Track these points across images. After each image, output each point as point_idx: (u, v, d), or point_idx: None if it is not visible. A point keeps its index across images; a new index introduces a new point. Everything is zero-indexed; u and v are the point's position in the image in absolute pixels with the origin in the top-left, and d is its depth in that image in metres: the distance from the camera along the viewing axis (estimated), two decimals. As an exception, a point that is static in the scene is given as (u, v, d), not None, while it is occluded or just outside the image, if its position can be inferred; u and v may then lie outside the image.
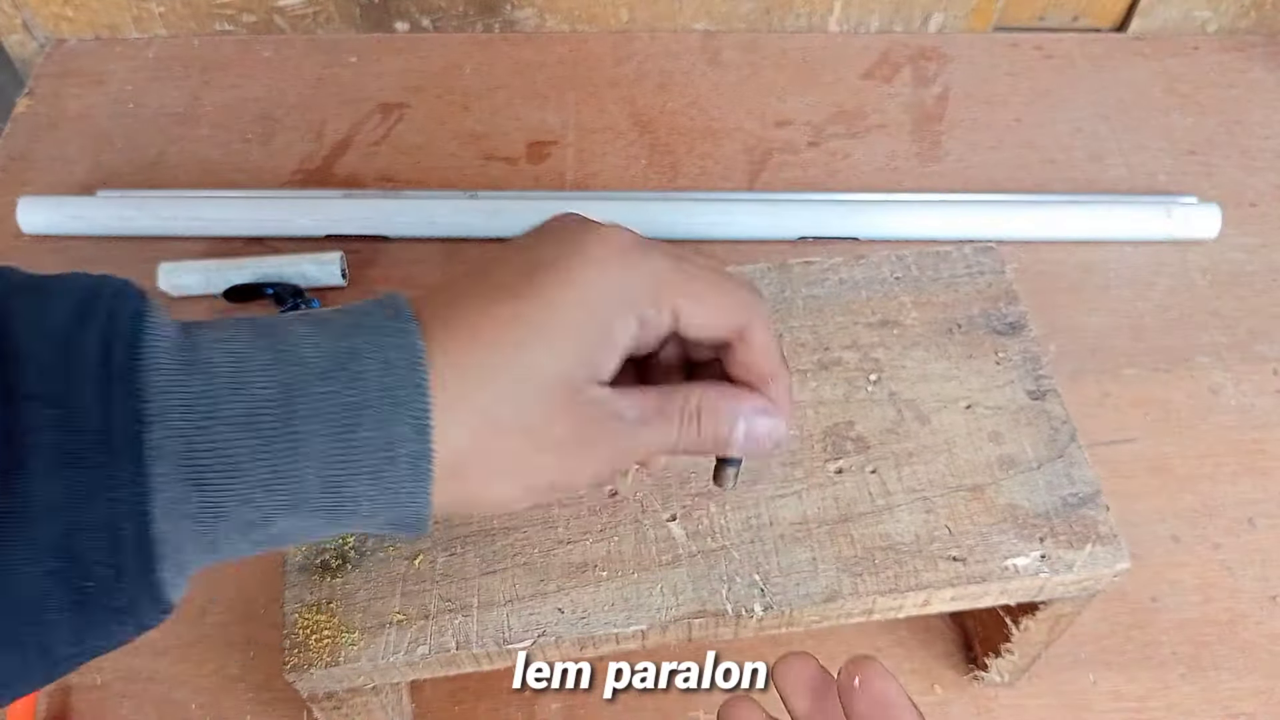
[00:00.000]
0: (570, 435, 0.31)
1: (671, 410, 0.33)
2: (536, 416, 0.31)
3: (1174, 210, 0.72)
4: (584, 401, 0.31)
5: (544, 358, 0.31)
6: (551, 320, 0.31)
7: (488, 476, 0.31)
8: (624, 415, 0.32)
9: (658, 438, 0.33)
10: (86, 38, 0.83)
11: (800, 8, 0.83)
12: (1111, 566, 0.44)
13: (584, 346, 0.31)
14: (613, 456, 0.32)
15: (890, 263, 0.53)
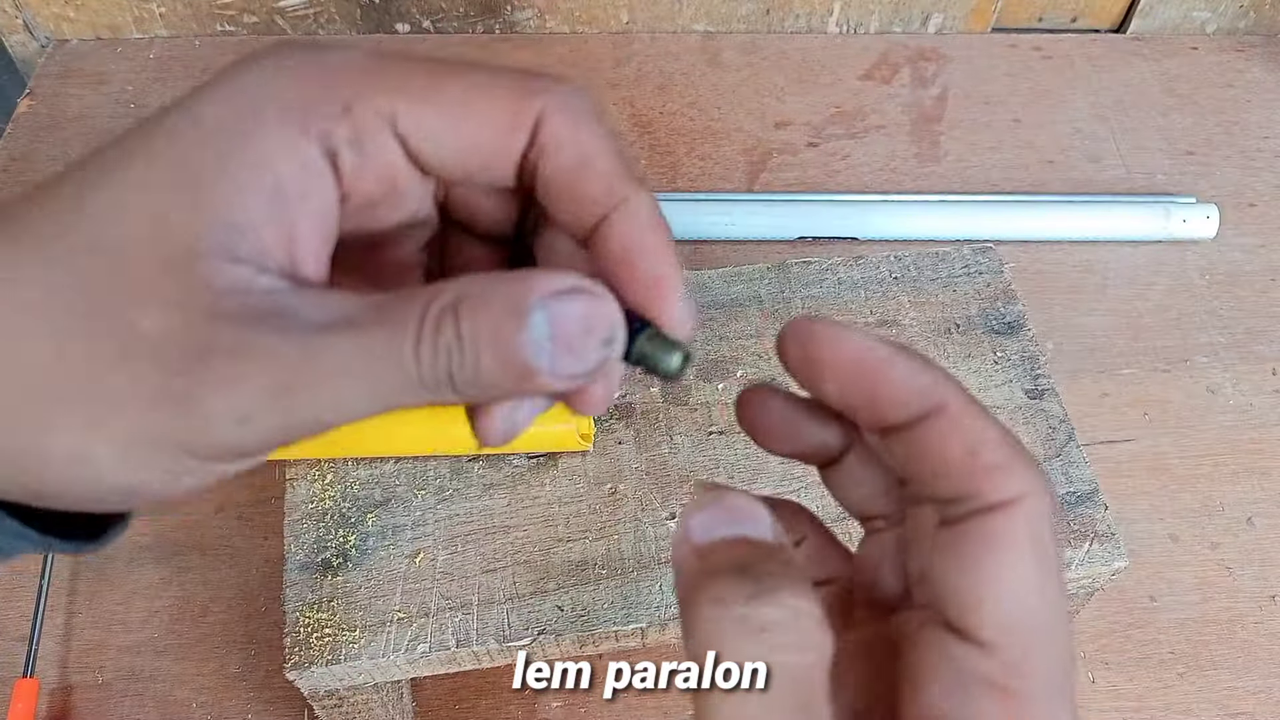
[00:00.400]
0: (180, 336, 0.19)
1: (404, 310, 0.20)
2: (106, 300, 0.19)
3: (1172, 210, 0.72)
4: (207, 280, 0.19)
5: (114, 206, 0.20)
6: (135, 155, 0.20)
7: (45, 410, 0.19)
8: (298, 312, 0.20)
9: (372, 353, 0.20)
10: (87, 38, 0.83)
11: (799, 9, 0.83)
12: (1109, 565, 0.44)
13: (196, 186, 0.20)
14: (281, 388, 0.19)
15: (888, 263, 0.53)
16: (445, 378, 0.20)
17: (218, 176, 0.20)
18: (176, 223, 0.19)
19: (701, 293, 0.52)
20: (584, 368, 0.20)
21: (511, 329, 0.20)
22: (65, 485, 0.20)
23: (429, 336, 0.20)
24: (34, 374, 0.19)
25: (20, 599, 0.56)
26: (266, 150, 0.20)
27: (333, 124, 0.21)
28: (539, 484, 0.46)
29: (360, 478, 0.46)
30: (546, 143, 0.22)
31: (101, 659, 0.55)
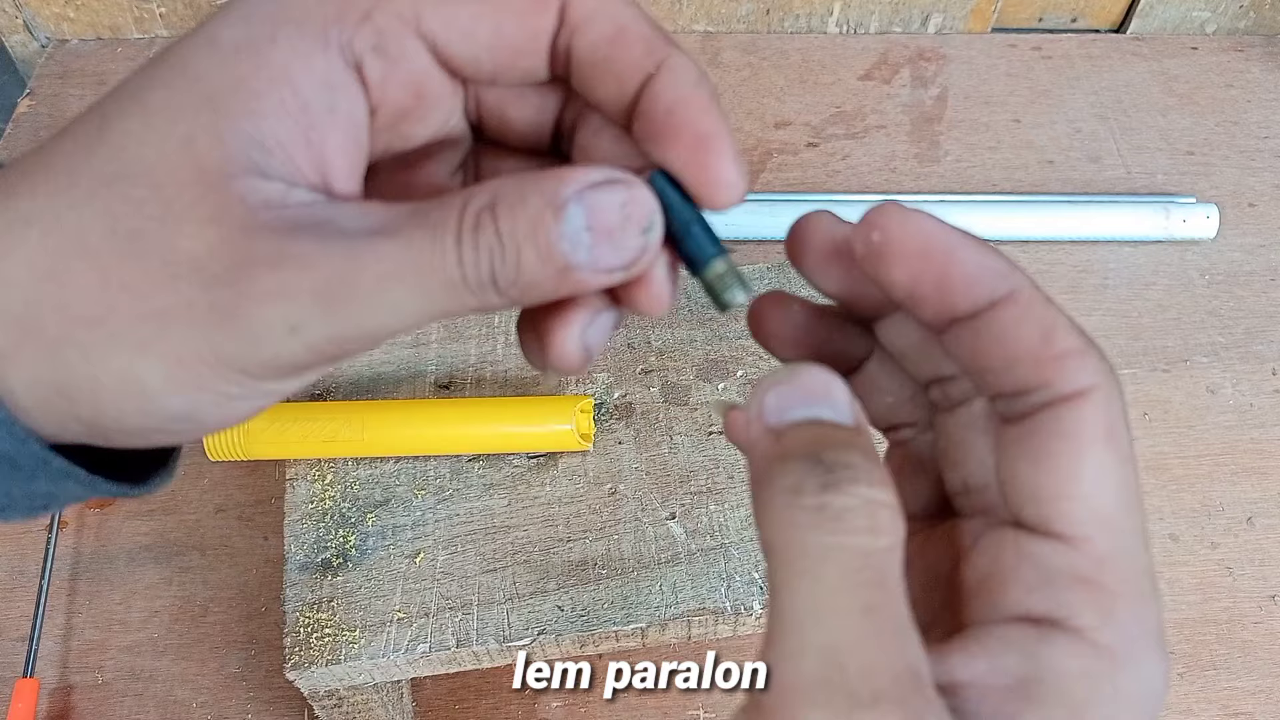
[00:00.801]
0: (220, 250, 0.19)
1: (443, 213, 0.20)
2: (142, 223, 0.19)
3: (1172, 210, 0.72)
4: (240, 196, 0.19)
5: (140, 131, 0.20)
6: (154, 85, 0.20)
7: (93, 338, 0.19)
8: (337, 222, 0.20)
9: (417, 256, 0.19)
10: (88, 38, 0.83)
11: (799, 9, 0.83)
12: (1109, 565, 0.44)
13: (219, 106, 0.19)
14: (330, 295, 0.19)
15: (889, 262, 0.53)
16: (489, 277, 0.20)
17: (238, 97, 0.20)
18: (203, 144, 0.19)
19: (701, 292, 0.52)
20: (623, 258, 0.20)
21: (549, 222, 0.19)
22: (120, 413, 0.20)
23: (469, 236, 0.19)
24: (79, 303, 0.19)
25: (20, 599, 0.56)
26: (286, 67, 0.20)
27: (354, 32, 0.20)
28: (539, 484, 0.46)
29: (360, 478, 0.46)
30: (577, 18, 0.21)
31: (101, 659, 0.55)
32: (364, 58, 0.20)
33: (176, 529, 0.59)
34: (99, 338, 0.19)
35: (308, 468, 0.46)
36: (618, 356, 0.50)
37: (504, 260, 0.20)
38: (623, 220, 0.20)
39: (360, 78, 0.21)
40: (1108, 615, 0.19)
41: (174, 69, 0.20)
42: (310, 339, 0.19)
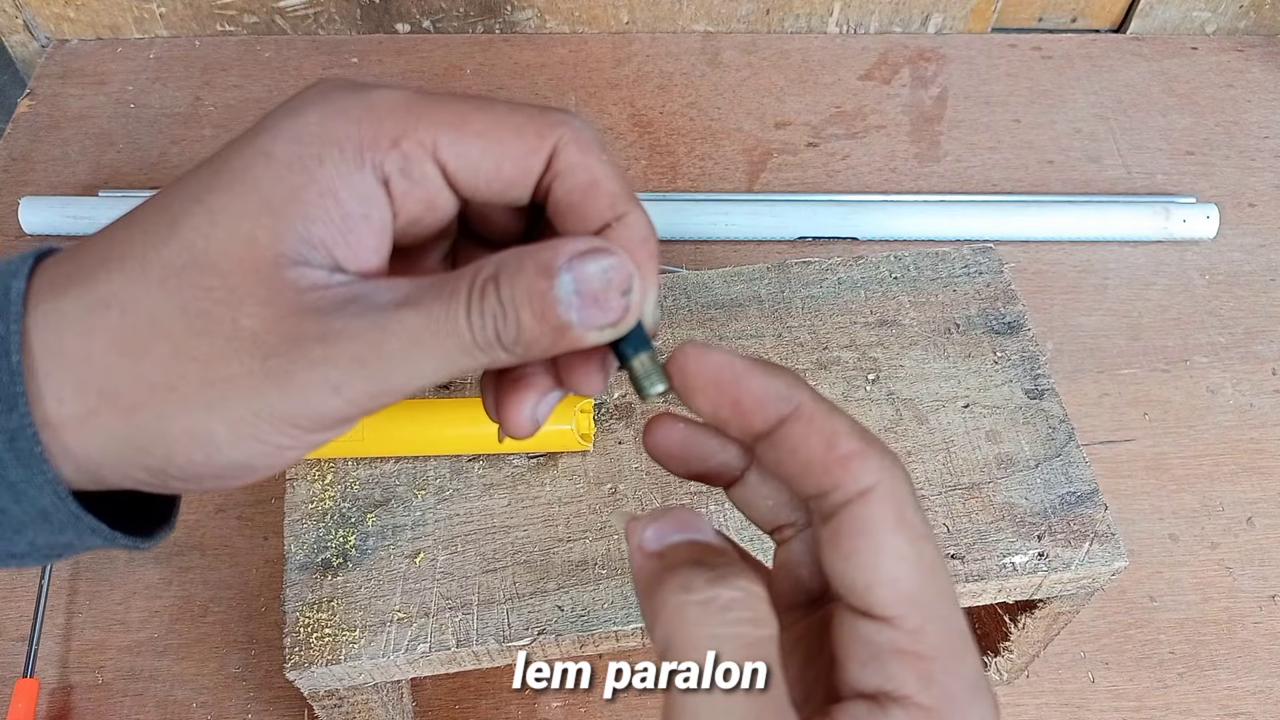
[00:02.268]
0: (275, 327, 0.23)
1: (455, 285, 0.24)
2: (210, 306, 0.23)
3: (1172, 210, 0.72)
4: (292, 283, 0.23)
5: (207, 228, 0.23)
6: (215, 189, 0.24)
7: (166, 401, 0.23)
8: (370, 297, 0.24)
9: (434, 324, 0.23)
10: (88, 38, 0.83)
11: (799, 9, 0.83)
12: (1109, 565, 0.44)
13: (277, 212, 0.23)
14: (365, 359, 0.23)
15: (888, 263, 0.53)
16: (494, 338, 0.24)
17: (293, 205, 0.24)
18: (263, 241, 0.23)
19: (702, 292, 0.52)
20: (609, 317, 0.24)
21: (543, 288, 0.23)
22: (187, 463, 0.24)
23: (476, 303, 0.23)
24: (154, 372, 0.23)
25: (20, 599, 0.56)
26: (331, 183, 0.24)
27: (385, 155, 0.24)
28: (539, 484, 0.46)
29: (360, 478, 0.46)
30: (562, 167, 0.25)
31: (101, 659, 0.55)
32: (391, 177, 0.25)
33: (177, 529, 0.59)
34: (172, 401, 0.23)
35: (308, 468, 0.46)
36: (618, 357, 0.50)
37: (506, 323, 0.23)
38: (605, 285, 0.24)
39: (387, 191, 0.25)
40: (928, 680, 0.22)
41: (235, 176, 0.24)
42: (350, 395, 0.23)
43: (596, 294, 0.23)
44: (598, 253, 0.24)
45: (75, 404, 0.23)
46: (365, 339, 0.23)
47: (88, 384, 0.23)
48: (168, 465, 0.24)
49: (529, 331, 0.23)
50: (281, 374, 0.23)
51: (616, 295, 0.24)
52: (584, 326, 0.23)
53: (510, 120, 0.25)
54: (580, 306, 0.23)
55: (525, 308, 0.23)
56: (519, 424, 0.27)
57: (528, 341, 0.24)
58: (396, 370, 0.23)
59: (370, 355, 0.23)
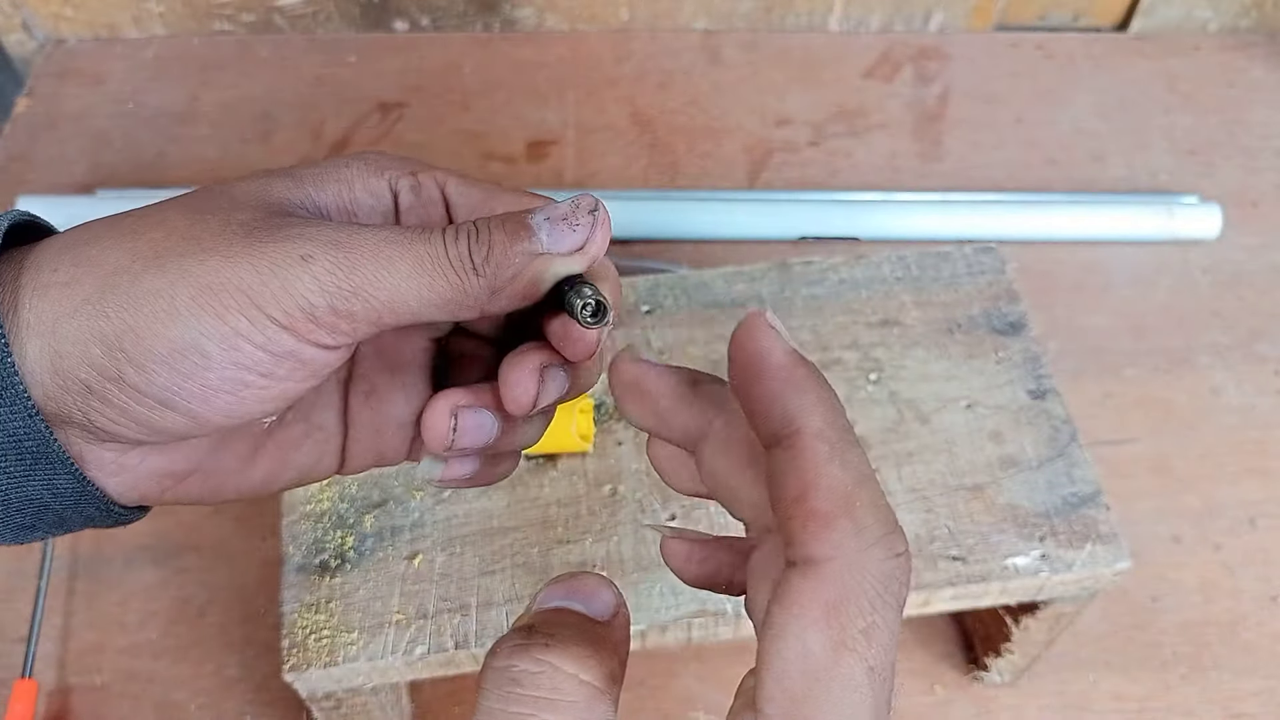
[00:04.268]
0: (262, 221, 0.24)
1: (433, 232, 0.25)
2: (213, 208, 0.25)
3: (1175, 210, 0.72)
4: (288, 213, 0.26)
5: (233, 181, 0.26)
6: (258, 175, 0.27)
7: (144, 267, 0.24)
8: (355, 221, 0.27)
9: (409, 234, 0.25)
10: (85, 37, 0.83)
11: (801, 7, 0.83)
12: (1111, 566, 0.44)
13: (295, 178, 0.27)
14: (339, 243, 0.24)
15: (891, 262, 0.53)
16: (466, 253, 0.25)
17: (312, 177, 0.27)
18: (277, 190, 0.26)
19: (702, 292, 0.52)
20: (577, 237, 0.25)
21: (517, 216, 0.25)
22: (143, 331, 0.23)
23: (452, 229, 0.25)
24: (145, 248, 0.24)
25: (18, 600, 0.56)
26: (349, 176, 0.27)
27: (400, 177, 0.28)
28: (538, 485, 0.46)
29: (358, 478, 0.46)
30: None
31: (99, 660, 0.54)
32: (401, 191, 0.28)
33: (174, 530, 0.59)
34: (150, 267, 0.24)
35: (306, 469, 0.46)
36: (617, 357, 0.50)
37: (478, 239, 0.25)
38: (573, 208, 0.25)
39: (395, 200, 0.28)
40: None
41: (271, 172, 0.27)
42: (317, 271, 0.23)
43: (565, 214, 0.25)
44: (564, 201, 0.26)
45: (65, 272, 0.24)
46: (341, 228, 0.25)
47: (82, 256, 0.24)
48: (124, 332, 0.23)
49: (499, 248, 0.25)
50: (257, 244, 0.24)
51: (584, 213, 0.25)
52: (552, 247, 0.25)
53: (510, 192, 0.28)
54: (550, 228, 0.25)
55: (499, 229, 0.25)
56: (433, 423, 0.27)
57: (498, 259, 0.25)
58: (367, 261, 0.24)
59: (343, 240, 0.24)
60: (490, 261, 0.24)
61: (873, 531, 0.20)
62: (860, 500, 0.20)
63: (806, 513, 0.20)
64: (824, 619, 0.19)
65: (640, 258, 0.69)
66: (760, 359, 0.22)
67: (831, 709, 0.19)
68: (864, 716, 0.19)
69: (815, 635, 0.19)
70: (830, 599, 0.19)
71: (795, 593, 0.19)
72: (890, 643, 0.20)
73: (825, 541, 0.19)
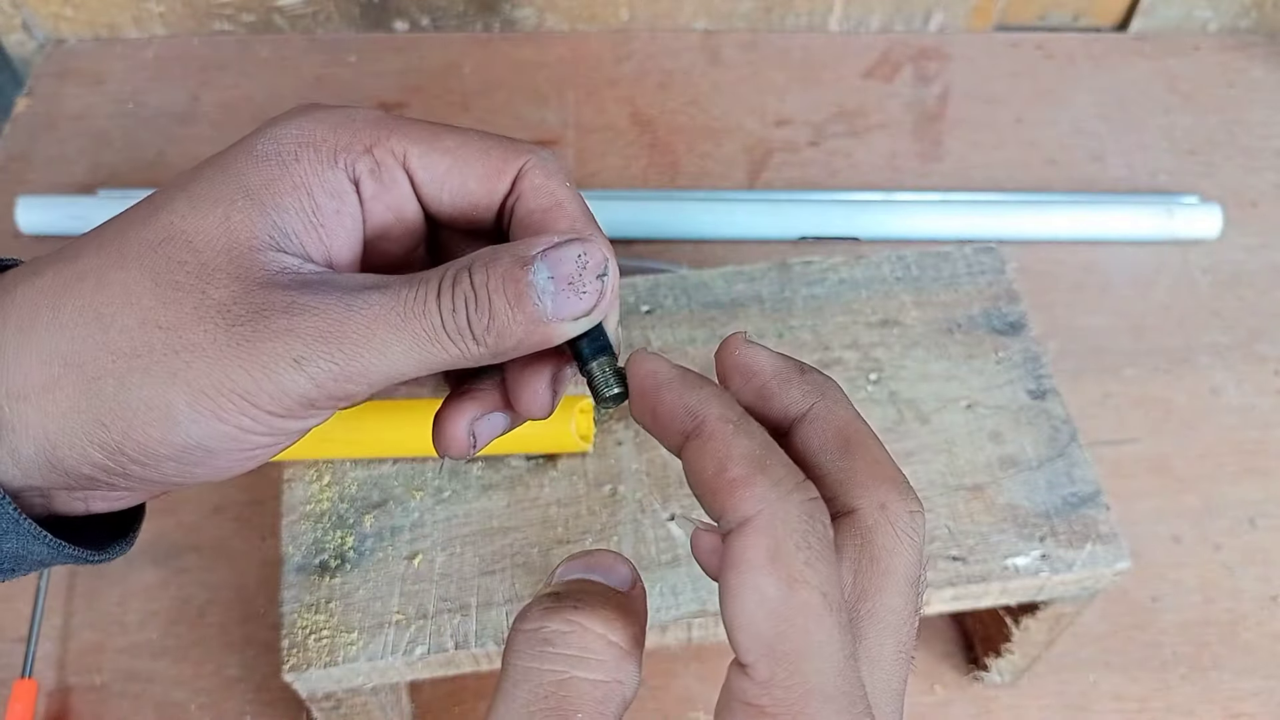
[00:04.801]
0: (242, 299, 0.23)
1: (426, 274, 0.24)
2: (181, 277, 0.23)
3: (1175, 210, 0.71)
4: (263, 264, 0.24)
5: (185, 210, 0.24)
6: (199, 180, 0.25)
7: (129, 369, 0.23)
8: (338, 282, 0.24)
9: (402, 306, 0.23)
10: (86, 37, 0.83)
11: (801, 7, 0.83)
12: (1112, 566, 0.44)
13: (253, 198, 0.24)
14: (329, 334, 0.23)
15: (891, 262, 0.53)
16: (466, 325, 0.23)
17: (268, 194, 0.24)
18: (237, 223, 0.24)
19: (702, 292, 0.52)
20: (585, 303, 0.24)
21: (518, 275, 0.23)
22: (145, 438, 0.23)
23: (448, 289, 0.23)
24: (120, 341, 0.23)
25: (18, 600, 0.56)
26: (306, 177, 0.25)
27: (357, 158, 0.25)
28: (538, 485, 0.46)
29: (358, 479, 0.46)
30: (526, 189, 0.26)
31: (99, 660, 0.54)
32: (362, 178, 0.26)
33: (174, 530, 0.59)
34: (135, 369, 0.23)
35: (305, 468, 0.46)
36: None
37: (478, 309, 0.23)
38: (579, 269, 0.24)
39: (358, 193, 0.26)
40: None
41: (217, 169, 0.25)
42: (313, 372, 0.23)
43: (571, 278, 0.24)
44: (572, 241, 0.24)
45: (40, 373, 0.23)
46: (330, 314, 0.23)
47: (54, 352, 0.23)
48: (125, 442, 0.23)
49: (501, 318, 0.24)
50: (244, 343, 0.23)
51: (591, 279, 0.24)
52: (557, 316, 0.24)
53: (479, 143, 0.26)
54: (555, 293, 0.24)
55: (499, 294, 0.23)
56: (454, 437, 0.27)
57: (500, 329, 0.24)
58: (361, 350, 0.23)
59: (334, 331, 0.23)
60: (491, 332, 0.24)
61: (787, 481, 0.22)
62: (770, 460, 0.22)
63: (728, 482, 0.22)
64: (769, 564, 0.21)
65: (640, 258, 0.69)
66: (653, 378, 0.24)
67: (801, 636, 0.20)
68: (832, 637, 0.21)
69: (766, 580, 0.20)
70: (769, 546, 0.21)
71: (739, 550, 0.21)
72: (831, 573, 0.21)
73: (751, 499, 0.21)
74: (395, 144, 0.26)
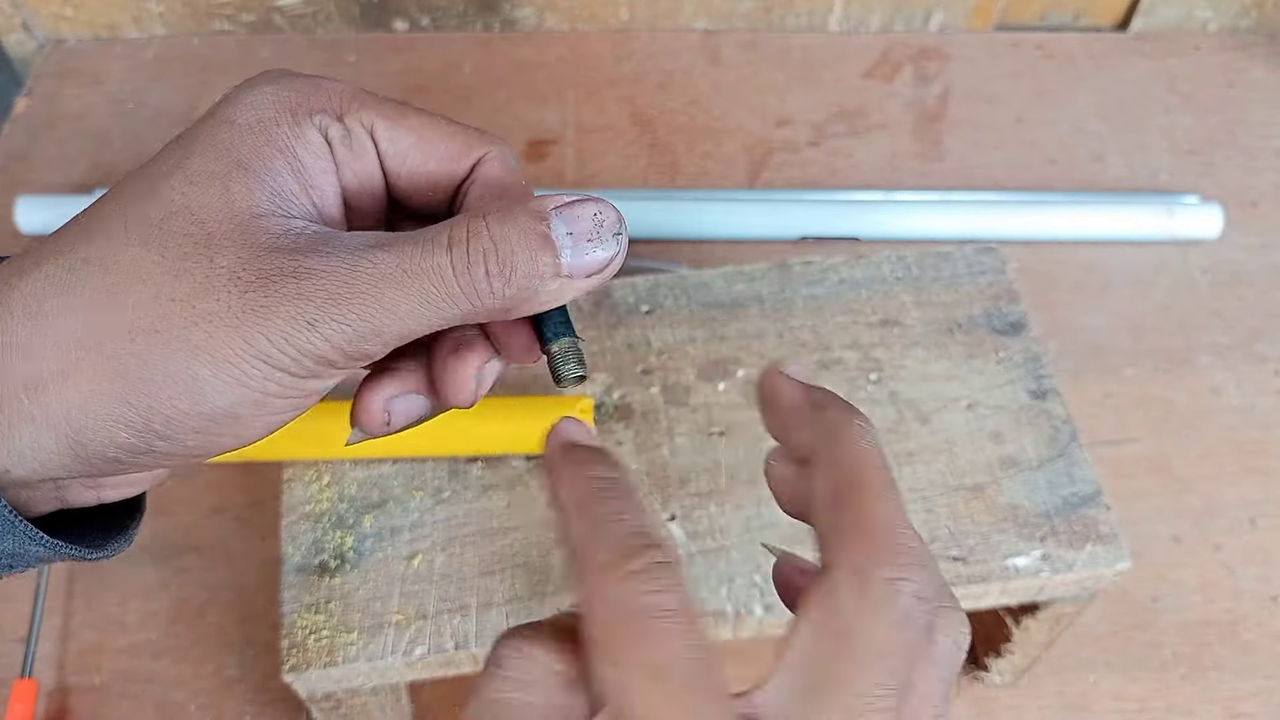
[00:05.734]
0: (250, 264, 0.23)
1: (433, 231, 0.24)
2: (189, 249, 0.23)
3: (1176, 210, 0.71)
4: (266, 228, 0.24)
5: (184, 187, 0.24)
6: (190, 154, 0.25)
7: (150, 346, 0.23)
8: (342, 240, 0.24)
9: (408, 263, 0.24)
10: (85, 37, 0.83)
11: (801, 6, 0.83)
12: (1112, 566, 0.44)
13: (247, 168, 0.25)
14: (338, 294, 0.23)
15: (891, 262, 0.53)
16: (482, 278, 0.24)
17: (259, 160, 0.25)
18: (237, 194, 0.24)
19: (702, 292, 0.52)
20: (603, 257, 0.24)
21: (541, 229, 0.24)
22: (174, 412, 0.23)
23: (460, 242, 0.24)
24: (136, 318, 0.23)
25: (18, 600, 0.56)
26: (289, 140, 0.25)
27: (330, 123, 0.26)
28: (538, 485, 0.46)
29: (357, 479, 0.46)
30: (482, 176, 0.27)
31: (99, 660, 0.54)
32: (334, 142, 0.26)
33: (173, 530, 0.59)
34: (156, 345, 0.23)
35: (305, 468, 0.46)
36: (618, 356, 0.50)
37: (499, 261, 0.24)
38: (596, 226, 0.24)
39: (332, 156, 0.27)
40: None
41: (206, 143, 0.25)
42: (327, 333, 0.23)
43: (590, 234, 0.24)
44: (587, 200, 0.24)
45: (56, 359, 0.23)
46: (337, 275, 0.23)
47: (69, 339, 0.23)
48: (152, 417, 0.23)
49: (524, 269, 0.24)
50: (259, 308, 0.23)
51: (609, 235, 0.24)
52: (577, 269, 0.24)
53: (444, 127, 0.27)
54: (573, 248, 0.24)
55: (521, 247, 0.24)
56: (368, 410, 0.27)
57: (519, 283, 0.24)
58: (370, 309, 0.23)
59: (343, 290, 0.23)
60: (513, 284, 0.24)
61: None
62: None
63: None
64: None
65: (640, 258, 0.69)
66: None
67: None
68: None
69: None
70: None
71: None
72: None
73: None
74: (364, 115, 0.26)
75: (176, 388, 0.23)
